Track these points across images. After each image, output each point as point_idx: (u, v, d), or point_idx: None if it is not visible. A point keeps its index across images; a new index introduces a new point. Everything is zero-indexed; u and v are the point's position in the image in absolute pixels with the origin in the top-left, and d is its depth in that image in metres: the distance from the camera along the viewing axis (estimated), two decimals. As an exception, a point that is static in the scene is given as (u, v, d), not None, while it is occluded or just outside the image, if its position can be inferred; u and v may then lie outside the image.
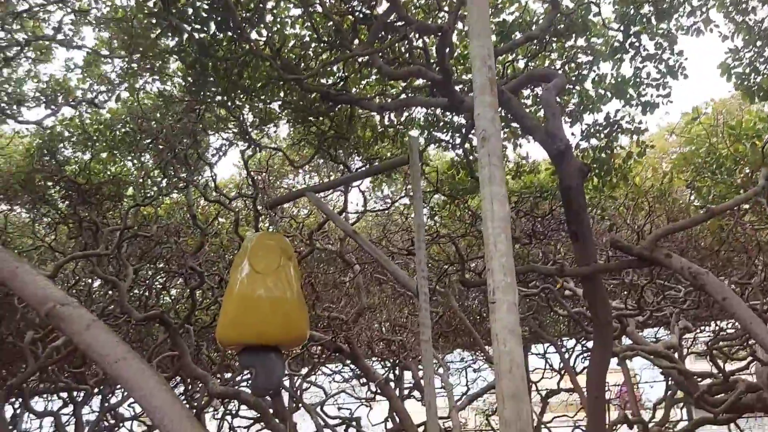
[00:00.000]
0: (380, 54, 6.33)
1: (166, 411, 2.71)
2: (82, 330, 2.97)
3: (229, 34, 6.09)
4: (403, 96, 7.47)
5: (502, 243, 2.28)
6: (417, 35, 6.81)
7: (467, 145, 8.08)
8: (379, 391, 16.07)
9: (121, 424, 19.95)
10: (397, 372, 18.17)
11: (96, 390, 17.41)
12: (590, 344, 16.21)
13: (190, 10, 5.78)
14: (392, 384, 16.30)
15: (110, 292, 14.28)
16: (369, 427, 19.20)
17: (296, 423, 7.74)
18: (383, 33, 6.39)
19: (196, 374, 9.47)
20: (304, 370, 16.86)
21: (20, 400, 17.05)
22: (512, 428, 2.07)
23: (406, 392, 18.38)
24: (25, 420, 21.82)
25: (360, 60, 6.92)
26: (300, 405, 14.45)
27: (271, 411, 8.63)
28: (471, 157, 8.06)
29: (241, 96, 6.96)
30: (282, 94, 7.36)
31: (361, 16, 6.40)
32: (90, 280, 15.28)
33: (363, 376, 18.82)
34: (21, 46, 8.21)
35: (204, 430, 2.71)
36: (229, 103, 7.05)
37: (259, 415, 18.83)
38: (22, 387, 13.80)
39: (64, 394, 18.69)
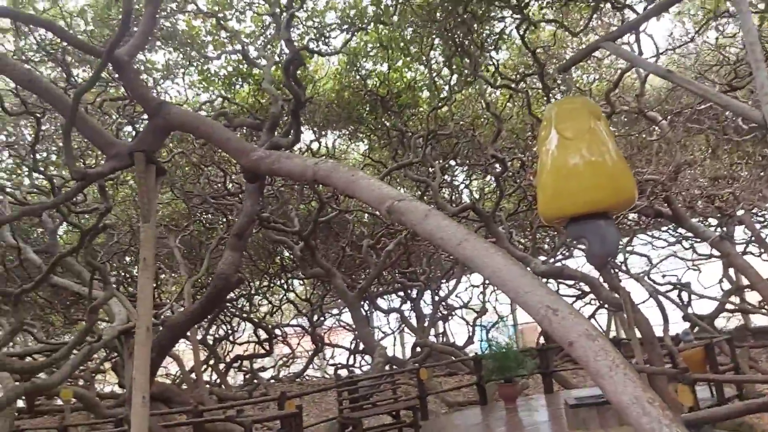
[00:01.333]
0: None
1: (519, 282, 2.67)
2: (421, 219, 3.07)
3: None
4: None
5: None
6: None
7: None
8: (712, 250, 14.76)
9: (453, 314, 21.90)
10: (724, 229, 16.45)
11: (425, 286, 19.22)
12: None
13: None
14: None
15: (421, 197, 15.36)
16: (701, 290, 17.98)
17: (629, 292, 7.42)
18: None
19: (516, 256, 9.69)
20: (623, 240, 16.29)
21: (367, 301, 19.69)
22: None
23: (738, 250, 16.64)
24: (375, 318, 25.27)
25: None
26: (625, 274, 14.01)
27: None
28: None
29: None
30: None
31: None
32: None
33: (686, 238, 17.50)
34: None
35: (559, 298, 2.62)
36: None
37: (580, 292, 19.00)
38: (368, 289, 15.87)
39: (400, 294, 21.13)
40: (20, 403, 12.19)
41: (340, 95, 12.24)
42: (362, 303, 17.44)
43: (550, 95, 8.80)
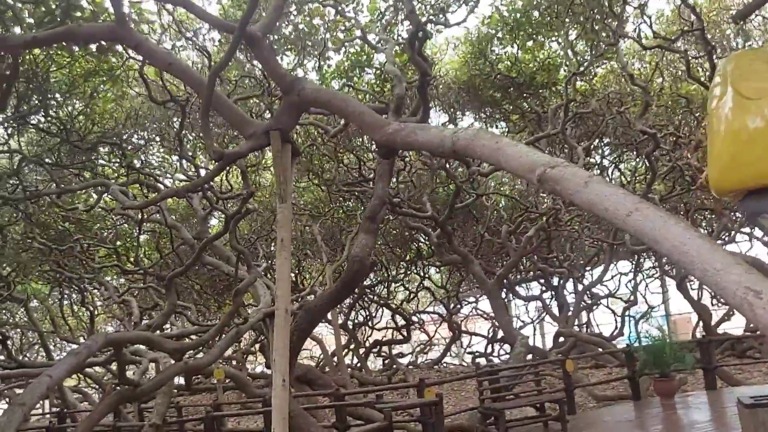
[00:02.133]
0: None
1: (708, 258, 2.21)
2: (580, 187, 2.68)
3: None
4: None
5: None
6: None
7: None
8: None
9: (598, 303, 20.71)
10: None
11: (569, 273, 18.24)
12: None
13: None
14: None
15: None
16: None
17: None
18: None
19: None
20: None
21: (505, 289, 19.08)
22: None
23: None
24: (513, 306, 24.51)
25: None
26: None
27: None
28: None
29: None
30: None
31: None
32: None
33: None
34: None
35: (763, 278, 2.13)
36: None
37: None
38: (507, 276, 15.34)
39: (541, 281, 20.27)
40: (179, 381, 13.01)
41: (470, 82, 11.87)
42: (501, 291, 16.87)
43: (713, 55, 7.81)
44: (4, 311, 18.09)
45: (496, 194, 16.25)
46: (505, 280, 15.95)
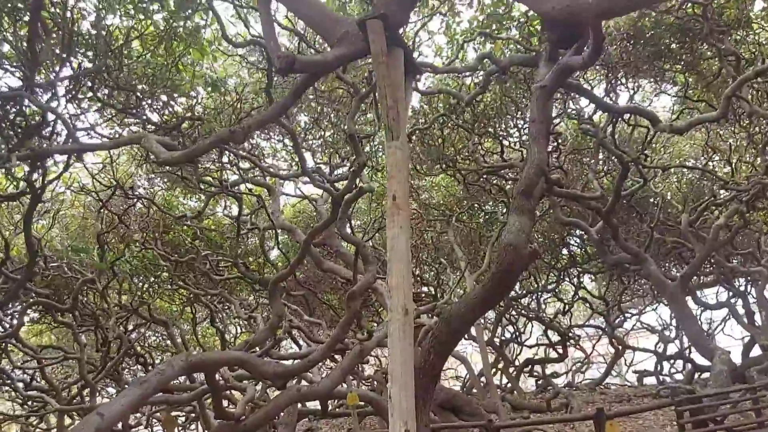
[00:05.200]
0: None
1: None
2: None
3: None
4: None
5: None
6: None
7: None
8: None
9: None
10: None
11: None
12: None
13: None
14: None
15: None
16: None
17: None
18: None
19: None
20: None
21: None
22: None
23: None
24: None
25: None
26: None
27: None
28: None
29: None
30: None
31: None
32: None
33: None
34: None
35: None
36: None
37: None
38: (693, 277, 12.66)
39: (722, 285, 17.03)
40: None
41: (638, 28, 9.60)
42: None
43: None
44: (147, 333, 18.05)
45: (682, 167, 13.45)
46: (690, 282, 13.16)
